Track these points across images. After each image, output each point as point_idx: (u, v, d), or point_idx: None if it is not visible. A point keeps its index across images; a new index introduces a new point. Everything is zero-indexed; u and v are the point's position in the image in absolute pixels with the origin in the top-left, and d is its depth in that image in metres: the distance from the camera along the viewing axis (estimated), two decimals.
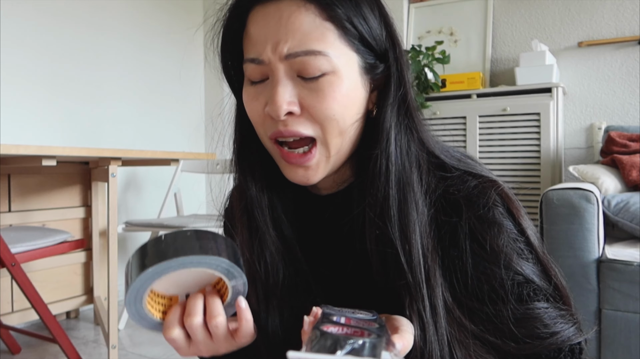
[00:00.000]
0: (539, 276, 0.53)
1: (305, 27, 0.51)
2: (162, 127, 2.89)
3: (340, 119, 0.53)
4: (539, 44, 2.42)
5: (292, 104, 0.51)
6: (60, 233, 1.73)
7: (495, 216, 0.53)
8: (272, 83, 0.52)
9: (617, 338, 1.49)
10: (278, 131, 0.53)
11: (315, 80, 0.51)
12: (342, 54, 0.52)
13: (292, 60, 0.51)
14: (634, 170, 1.91)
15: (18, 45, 2.19)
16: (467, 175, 0.56)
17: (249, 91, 0.55)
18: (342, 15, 0.52)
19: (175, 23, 3.00)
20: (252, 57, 0.53)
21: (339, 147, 0.54)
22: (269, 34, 0.51)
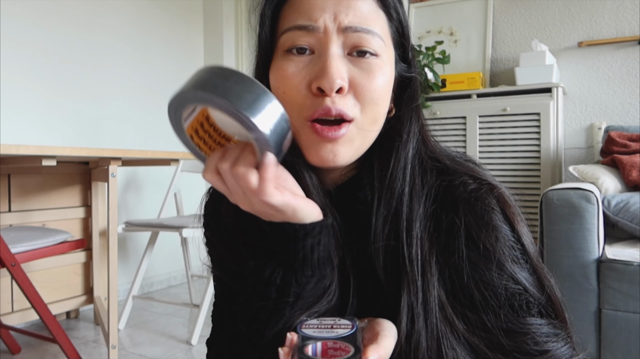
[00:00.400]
0: (533, 285, 0.53)
1: (363, 8, 0.51)
2: (162, 127, 2.89)
3: (380, 104, 0.53)
4: (539, 44, 2.43)
5: (344, 79, 0.50)
6: (60, 233, 1.73)
7: (492, 221, 0.53)
8: (324, 56, 0.50)
9: (617, 338, 1.49)
10: (326, 107, 0.50)
11: (367, 59, 0.51)
12: (388, 43, 0.54)
13: (349, 34, 0.51)
14: (634, 170, 1.91)
15: (18, 45, 2.19)
16: (468, 177, 0.56)
17: (289, 65, 0.52)
18: (392, 5, 0.54)
19: (175, 23, 3.00)
20: (305, 24, 0.51)
21: (369, 133, 0.54)
22: (327, 5, 0.51)
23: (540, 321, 0.52)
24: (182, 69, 3.05)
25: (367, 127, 0.53)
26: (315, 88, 0.50)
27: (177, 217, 2.39)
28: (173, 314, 2.36)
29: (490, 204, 0.53)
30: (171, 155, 1.93)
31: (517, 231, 0.54)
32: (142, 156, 1.77)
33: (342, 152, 0.52)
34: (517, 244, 0.54)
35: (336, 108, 0.50)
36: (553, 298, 0.54)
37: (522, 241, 0.54)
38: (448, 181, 0.55)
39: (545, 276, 0.55)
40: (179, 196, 2.56)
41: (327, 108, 0.50)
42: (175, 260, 2.91)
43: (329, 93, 0.49)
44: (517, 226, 0.54)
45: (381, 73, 0.52)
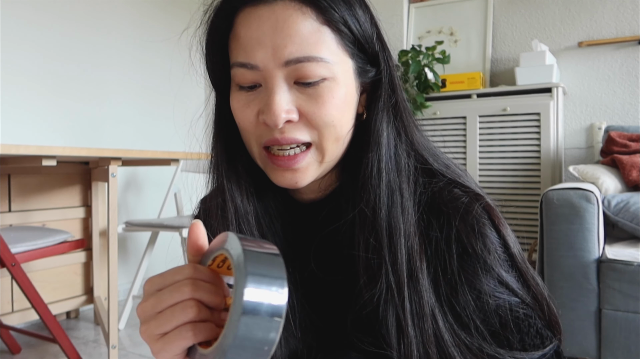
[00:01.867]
0: (521, 289, 0.53)
1: (303, 31, 0.49)
2: (162, 127, 2.89)
3: (338, 125, 0.52)
4: (539, 44, 2.42)
5: (291, 112, 0.50)
6: (60, 233, 1.73)
7: (483, 230, 0.52)
8: (269, 91, 0.50)
9: (617, 338, 1.49)
10: (274, 139, 0.51)
11: (314, 86, 0.50)
12: (339, 59, 0.51)
13: (291, 66, 0.49)
14: (634, 170, 1.91)
15: (18, 45, 2.19)
16: (454, 184, 0.55)
17: (239, 97, 0.52)
18: (338, 18, 0.50)
19: (175, 23, 3.00)
20: (244, 62, 0.50)
21: (333, 152, 0.54)
22: (263, 38, 0.49)
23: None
24: (182, 69, 3.05)
25: (329, 147, 0.53)
26: (263, 122, 0.51)
27: (177, 217, 2.39)
28: None
29: (479, 213, 0.53)
30: (171, 155, 1.93)
31: (504, 238, 0.54)
32: (142, 156, 1.77)
33: (303, 177, 0.53)
34: (504, 253, 0.53)
35: (285, 138, 0.51)
36: (543, 304, 0.54)
37: (510, 250, 0.54)
38: (438, 188, 0.54)
39: (534, 280, 0.54)
40: (179, 196, 2.56)
41: (275, 140, 0.51)
42: (175, 260, 2.91)
43: (274, 128, 0.50)
44: (504, 234, 0.54)
45: (331, 96, 0.51)
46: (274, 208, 0.60)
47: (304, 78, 0.50)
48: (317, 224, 0.58)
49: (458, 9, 2.80)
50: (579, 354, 1.56)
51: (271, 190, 0.59)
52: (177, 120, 2.98)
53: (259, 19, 0.49)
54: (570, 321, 1.55)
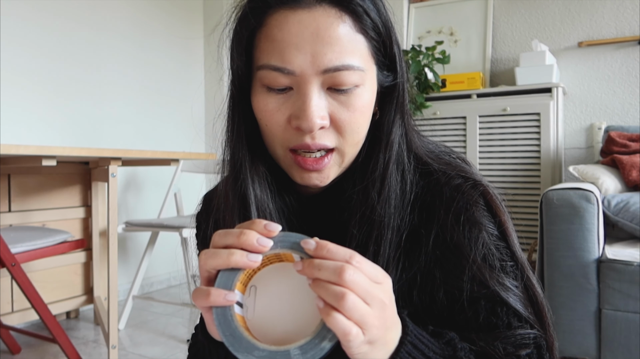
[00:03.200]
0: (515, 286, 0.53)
1: (342, 39, 0.49)
2: (162, 127, 2.89)
3: (361, 131, 0.53)
4: (539, 44, 2.42)
5: (324, 118, 0.50)
6: (60, 233, 1.73)
7: (474, 216, 0.53)
8: (303, 96, 0.50)
9: (617, 338, 1.49)
10: (305, 144, 0.51)
11: (347, 93, 0.51)
12: (368, 66, 0.52)
13: (329, 74, 0.49)
14: (634, 170, 1.91)
15: (18, 45, 2.19)
16: (454, 175, 0.56)
17: (268, 100, 0.52)
18: (370, 25, 0.51)
19: (175, 23, 3.00)
20: (280, 66, 0.49)
21: (352, 155, 0.55)
22: (303, 44, 0.48)
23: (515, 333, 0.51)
24: (182, 69, 3.05)
25: (348, 151, 0.54)
26: (296, 127, 0.51)
27: (177, 217, 2.39)
28: (173, 314, 2.36)
29: (473, 199, 0.53)
30: (171, 155, 1.93)
31: (503, 226, 0.54)
32: (142, 156, 1.77)
33: (327, 177, 0.54)
34: (501, 241, 0.54)
35: (316, 144, 0.51)
36: (537, 303, 0.54)
37: (507, 239, 0.54)
38: (434, 182, 0.55)
39: (530, 277, 0.54)
40: (179, 196, 2.56)
41: (306, 145, 0.51)
42: (175, 260, 2.91)
43: (308, 134, 0.50)
44: (503, 221, 0.54)
45: (361, 103, 0.52)
46: (287, 204, 0.60)
47: (338, 85, 0.50)
48: (321, 216, 0.59)
49: (458, 9, 2.80)
50: (579, 354, 1.56)
51: (282, 186, 0.59)
52: (177, 120, 2.98)
53: (298, 24, 0.49)
54: (570, 321, 1.55)
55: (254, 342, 0.40)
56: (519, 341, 0.50)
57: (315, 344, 0.38)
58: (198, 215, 0.69)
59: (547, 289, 1.60)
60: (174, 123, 2.98)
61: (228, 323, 0.40)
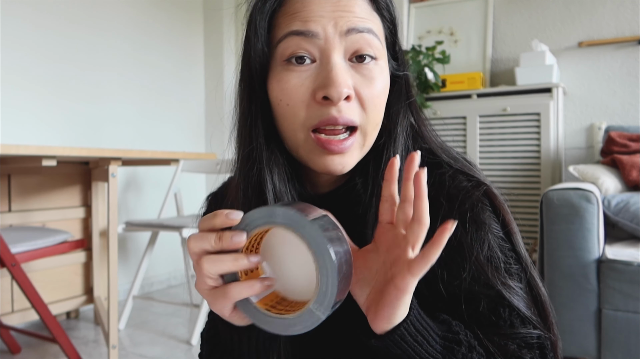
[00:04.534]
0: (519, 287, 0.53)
1: (361, 11, 0.51)
2: (162, 127, 2.89)
3: (381, 109, 0.53)
4: (539, 43, 2.42)
5: (351, 88, 0.50)
6: (60, 233, 1.73)
7: (480, 217, 0.53)
8: (328, 64, 0.49)
9: (617, 338, 1.49)
10: (332, 117, 0.49)
11: (367, 66, 0.51)
12: (383, 45, 0.54)
13: (351, 36, 0.50)
14: (634, 170, 1.91)
15: (18, 45, 2.19)
16: (460, 174, 0.56)
17: (291, 76, 0.50)
18: (384, 7, 0.54)
19: (175, 23, 3.00)
20: (303, 30, 0.49)
21: (373, 137, 0.54)
22: (323, 12, 0.50)
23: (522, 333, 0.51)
24: (182, 69, 3.05)
25: (370, 132, 0.53)
26: (321, 97, 0.49)
27: (177, 217, 2.39)
28: (173, 314, 2.36)
29: (478, 200, 0.53)
30: (171, 155, 1.93)
31: (508, 226, 0.54)
32: (142, 156, 1.77)
33: (349, 162, 0.52)
34: (506, 243, 0.54)
35: (343, 117, 0.49)
36: (541, 302, 0.54)
37: (513, 240, 0.54)
38: (439, 177, 0.55)
39: (534, 276, 0.54)
40: (179, 196, 2.56)
41: (333, 118, 0.49)
42: (175, 260, 2.91)
43: (336, 102, 0.49)
44: (507, 222, 0.54)
45: (381, 78, 0.52)
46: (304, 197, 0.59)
47: (361, 50, 0.50)
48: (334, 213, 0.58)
49: (458, 9, 2.80)
50: (579, 354, 1.56)
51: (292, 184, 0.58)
52: (177, 120, 2.98)
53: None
54: (570, 321, 1.55)
55: (283, 316, 0.42)
56: (522, 340, 0.50)
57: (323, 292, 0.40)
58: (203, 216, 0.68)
59: (547, 289, 1.59)
60: (174, 123, 2.98)
61: (254, 311, 0.43)
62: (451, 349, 0.46)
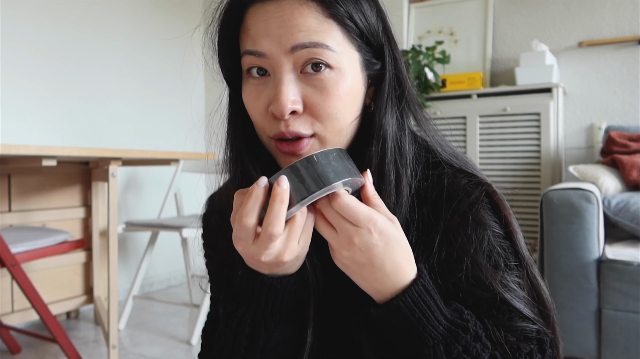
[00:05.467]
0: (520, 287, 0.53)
1: (309, 23, 0.50)
2: (162, 127, 2.89)
3: (341, 117, 0.53)
4: (539, 43, 2.42)
5: (296, 102, 0.51)
6: (60, 233, 1.73)
7: (480, 216, 0.53)
8: (276, 80, 0.51)
9: (617, 338, 1.49)
10: (280, 132, 0.52)
11: (320, 77, 0.51)
12: (344, 51, 0.52)
13: (297, 52, 0.50)
14: (634, 170, 1.91)
15: (18, 45, 2.19)
16: (460, 172, 0.56)
17: (251, 88, 0.54)
18: (343, 13, 0.52)
19: (175, 23, 3.00)
20: (252, 50, 0.52)
21: (336, 144, 0.54)
22: (271, 29, 0.51)
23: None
24: (182, 69, 3.05)
25: (332, 139, 0.54)
26: (271, 113, 0.52)
27: (177, 217, 2.39)
28: (173, 314, 2.36)
29: (478, 199, 0.54)
30: (171, 155, 1.93)
31: (509, 225, 0.54)
32: (142, 156, 1.77)
33: None
34: (505, 241, 0.54)
35: (289, 131, 0.51)
36: (542, 301, 0.54)
37: (513, 238, 0.54)
38: (438, 178, 0.56)
39: (536, 275, 0.55)
40: (179, 196, 2.56)
41: (281, 133, 0.52)
42: (175, 260, 2.91)
43: (282, 118, 0.51)
44: (508, 221, 0.54)
45: (337, 88, 0.51)
46: None
47: (312, 59, 0.51)
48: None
49: (458, 9, 2.80)
50: (579, 354, 1.56)
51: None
52: (177, 120, 2.98)
53: (266, 13, 0.52)
54: (570, 321, 1.55)
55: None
56: (521, 333, 0.50)
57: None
58: (204, 216, 0.69)
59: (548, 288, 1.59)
60: (174, 123, 2.98)
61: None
62: (456, 334, 0.47)
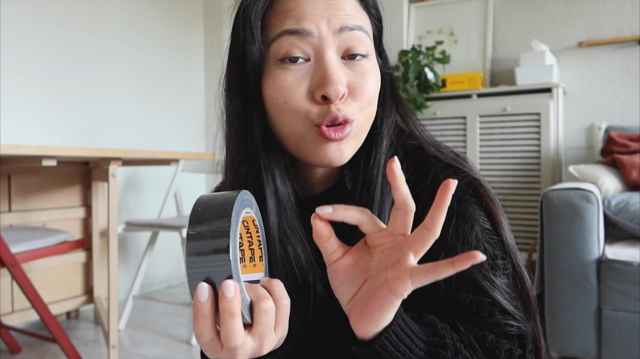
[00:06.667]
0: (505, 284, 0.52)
1: (352, 9, 0.52)
2: (162, 127, 2.89)
3: (373, 103, 0.54)
4: (539, 43, 2.42)
5: (345, 85, 0.50)
6: (60, 233, 1.73)
7: (464, 210, 0.53)
8: (323, 63, 0.50)
9: (617, 338, 1.49)
10: (334, 115, 0.50)
11: (360, 62, 0.52)
12: (372, 44, 0.55)
13: (344, 34, 0.51)
14: (634, 170, 1.91)
15: (18, 45, 2.19)
16: (448, 167, 0.56)
17: (287, 75, 0.51)
18: (372, 5, 0.56)
19: (175, 23, 3.00)
20: (297, 28, 0.50)
21: (366, 131, 0.55)
22: (318, 10, 0.51)
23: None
24: (182, 69, 3.05)
25: (364, 125, 0.54)
26: (320, 97, 0.50)
27: (177, 217, 2.39)
28: (173, 314, 2.36)
29: (463, 193, 0.54)
30: (171, 155, 1.93)
31: (494, 218, 0.54)
32: (142, 156, 1.77)
33: (347, 150, 0.53)
34: (493, 235, 0.53)
35: (342, 114, 0.50)
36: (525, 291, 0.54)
37: (499, 231, 0.54)
38: (424, 173, 0.56)
39: (520, 266, 0.54)
40: (179, 196, 2.56)
41: (334, 116, 0.50)
42: (175, 260, 2.91)
43: (334, 101, 0.49)
44: (494, 214, 0.54)
45: (372, 73, 0.53)
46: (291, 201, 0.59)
47: (352, 48, 0.51)
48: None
49: (458, 9, 2.80)
50: (579, 354, 1.56)
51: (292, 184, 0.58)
52: (177, 120, 2.98)
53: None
54: (570, 321, 1.55)
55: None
56: (501, 330, 0.50)
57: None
58: None
59: (547, 289, 1.59)
60: (174, 123, 2.98)
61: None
62: (436, 354, 0.45)
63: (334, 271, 0.45)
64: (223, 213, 0.39)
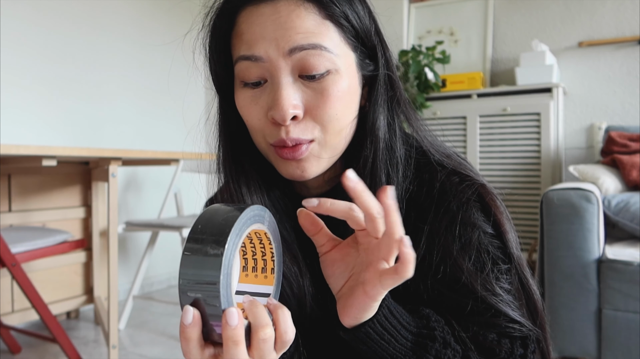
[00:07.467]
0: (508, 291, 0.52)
1: (306, 25, 0.49)
2: (162, 127, 2.89)
3: (341, 118, 0.52)
4: (539, 43, 2.42)
5: (297, 107, 0.50)
6: (60, 233, 1.73)
7: (468, 216, 0.53)
8: (275, 85, 0.50)
9: (617, 338, 1.49)
10: (281, 139, 0.51)
11: (319, 80, 0.50)
12: (342, 52, 0.52)
13: (295, 55, 0.49)
14: (634, 170, 1.91)
15: (18, 45, 2.19)
16: (453, 174, 0.56)
17: (245, 95, 0.53)
18: (339, 13, 0.51)
19: (175, 24, 3.00)
20: (248, 54, 0.50)
21: (336, 146, 0.54)
22: (266, 32, 0.49)
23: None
24: (182, 69, 3.04)
25: (332, 141, 0.53)
26: (271, 118, 0.51)
27: (177, 217, 2.39)
28: (173, 314, 2.36)
29: (467, 199, 0.53)
30: (171, 155, 1.93)
31: (499, 225, 0.53)
32: (142, 156, 1.77)
33: (309, 168, 0.53)
34: (495, 240, 0.53)
35: (290, 138, 0.51)
36: (532, 301, 0.54)
37: (504, 239, 0.53)
38: (428, 178, 0.55)
39: (526, 275, 0.54)
40: (179, 196, 2.56)
41: (282, 140, 0.51)
42: (175, 260, 2.91)
43: (283, 124, 0.50)
44: (499, 220, 0.54)
45: (336, 89, 0.51)
46: (282, 203, 0.60)
47: (309, 69, 0.50)
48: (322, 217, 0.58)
49: (458, 9, 2.80)
50: (579, 354, 1.56)
51: (278, 186, 0.60)
52: (177, 120, 2.98)
53: (261, 16, 0.50)
54: (570, 321, 1.55)
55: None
56: (502, 329, 0.50)
57: None
58: None
59: (547, 289, 1.59)
60: (174, 123, 2.98)
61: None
62: (424, 345, 0.46)
63: (323, 262, 0.48)
64: (220, 236, 0.39)
